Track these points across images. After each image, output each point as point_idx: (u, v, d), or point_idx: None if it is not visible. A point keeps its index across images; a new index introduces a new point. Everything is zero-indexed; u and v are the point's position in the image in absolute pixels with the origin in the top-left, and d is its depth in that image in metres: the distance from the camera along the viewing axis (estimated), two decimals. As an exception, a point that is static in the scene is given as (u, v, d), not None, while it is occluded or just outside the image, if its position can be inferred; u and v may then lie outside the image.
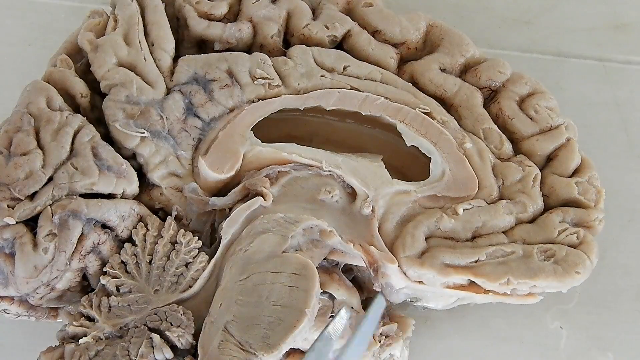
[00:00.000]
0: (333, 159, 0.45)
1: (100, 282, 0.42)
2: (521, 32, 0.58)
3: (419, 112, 0.46)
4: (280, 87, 0.46)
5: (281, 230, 0.41)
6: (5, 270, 0.40)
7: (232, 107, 0.45)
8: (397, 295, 0.44)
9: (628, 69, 0.57)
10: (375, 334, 0.42)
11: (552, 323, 0.47)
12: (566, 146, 0.46)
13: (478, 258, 0.42)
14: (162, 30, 0.46)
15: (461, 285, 0.42)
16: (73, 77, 0.45)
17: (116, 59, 0.45)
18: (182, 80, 0.45)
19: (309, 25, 0.48)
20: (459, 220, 0.43)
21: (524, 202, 0.44)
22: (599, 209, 0.44)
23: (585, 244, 0.43)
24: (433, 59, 0.48)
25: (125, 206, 0.42)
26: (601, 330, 0.47)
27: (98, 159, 0.42)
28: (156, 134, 0.44)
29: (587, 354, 0.47)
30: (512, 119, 0.47)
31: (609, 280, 0.49)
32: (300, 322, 0.38)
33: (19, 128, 0.42)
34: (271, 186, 0.43)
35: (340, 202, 0.44)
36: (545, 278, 0.41)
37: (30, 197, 0.41)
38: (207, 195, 0.44)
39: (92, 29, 0.46)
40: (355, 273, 0.45)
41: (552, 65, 0.57)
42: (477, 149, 0.46)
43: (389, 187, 0.44)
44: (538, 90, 0.48)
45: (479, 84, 0.48)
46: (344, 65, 0.47)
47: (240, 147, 0.44)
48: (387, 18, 0.49)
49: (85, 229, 0.41)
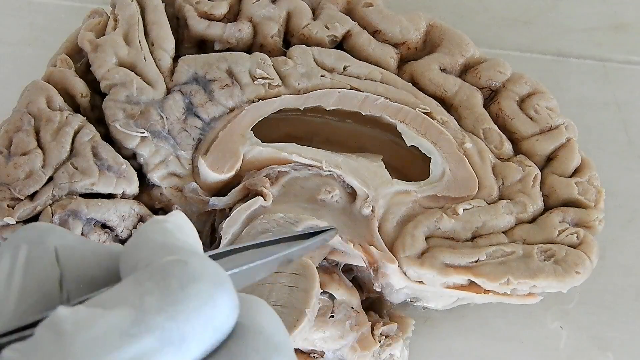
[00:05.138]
0: (333, 159, 0.45)
1: (100, 282, 0.42)
2: (521, 32, 0.58)
3: (419, 112, 0.46)
4: (280, 87, 0.46)
5: (281, 230, 0.41)
6: (5, 270, 0.40)
7: (232, 107, 0.45)
8: (397, 295, 0.44)
9: (628, 69, 0.57)
10: (375, 334, 0.42)
11: (552, 323, 0.47)
12: (566, 146, 0.46)
13: (478, 258, 0.42)
14: (162, 30, 0.46)
15: (461, 285, 0.42)
16: (73, 77, 0.45)
17: (116, 59, 0.45)
18: (182, 80, 0.45)
19: (309, 25, 0.48)
20: (459, 220, 0.43)
21: (524, 202, 0.44)
22: (599, 209, 0.44)
23: (585, 244, 0.43)
24: (433, 59, 0.48)
25: (125, 206, 0.42)
26: (601, 330, 0.47)
27: (98, 159, 0.42)
28: (156, 134, 0.44)
29: (587, 354, 0.46)
30: (512, 119, 0.47)
31: (609, 280, 0.49)
32: (300, 322, 0.38)
33: (19, 128, 0.42)
34: (271, 186, 0.43)
35: (340, 202, 0.44)
36: (545, 278, 0.41)
37: (30, 197, 0.41)
38: (207, 195, 0.44)
39: (92, 29, 0.46)
40: (355, 273, 0.45)
41: (552, 65, 0.57)
42: (477, 149, 0.46)
43: (389, 187, 0.44)
44: (538, 90, 0.48)
45: (479, 84, 0.48)
46: (344, 65, 0.47)
47: (240, 147, 0.44)
48: (387, 18, 0.49)
49: (85, 229, 0.41)
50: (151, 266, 0.22)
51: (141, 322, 0.20)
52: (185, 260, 0.22)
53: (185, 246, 0.23)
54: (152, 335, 0.20)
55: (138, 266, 0.22)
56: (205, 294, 0.21)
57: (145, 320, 0.20)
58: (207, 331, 0.21)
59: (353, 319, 0.42)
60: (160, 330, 0.20)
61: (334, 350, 0.42)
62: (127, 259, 0.23)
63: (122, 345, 0.20)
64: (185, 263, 0.21)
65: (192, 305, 0.21)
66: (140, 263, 0.22)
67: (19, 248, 0.24)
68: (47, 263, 0.23)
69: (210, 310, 0.21)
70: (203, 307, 0.21)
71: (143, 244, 0.23)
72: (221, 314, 0.21)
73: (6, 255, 0.24)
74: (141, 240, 0.23)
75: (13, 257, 0.23)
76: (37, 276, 0.23)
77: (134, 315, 0.20)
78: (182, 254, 0.22)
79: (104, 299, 0.21)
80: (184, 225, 0.25)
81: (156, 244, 0.23)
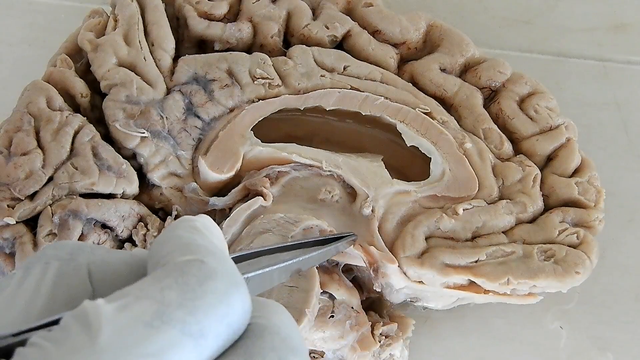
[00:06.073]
0: (333, 159, 0.45)
1: (100, 282, 0.42)
2: (521, 32, 0.58)
3: (419, 112, 0.46)
4: (280, 87, 0.46)
5: (281, 231, 0.41)
6: (6, 270, 0.40)
7: (232, 107, 0.45)
8: (397, 295, 0.44)
9: (628, 69, 0.57)
10: (375, 334, 0.42)
11: (552, 323, 0.47)
12: (566, 146, 0.46)
13: (478, 258, 0.42)
14: (162, 30, 0.46)
15: (461, 285, 0.42)
16: (73, 77, 0.45)
17: (116, 58, 0.45)
18: (182, 80, 0.45)
19: (309, 25, 0.48)
20: (459, 220, 0.43)
21: (524, 202, 0.44)
22: (599, 209, 0.44)
23: (585, 244, 0.43)
24: (433, 59, 0.48)
25: (125, 206, 0.42)
26: (601, 330, 0.47)
27: (98, 159, 0.42)
28: (156, 134, 0.44)
29: (587, 354, 0.46)
30: (512, 119, 0.47)
31: (609, 280, 0.49)
32: (300, 322, 0.38)
33: (19, 128, 0.42)
34: (271, 186, 0.43)
35: (340, 202, 0.44)
36: (545, 278, 0.41)
37: (30, 197, 0.41)
38: (207, 195, 0.44)
39: (92, 29, 0.46)
40: (355, 273, 0.45)
41: (552, 65, 0.57)
42: (477, 149, 0.46)
43: (389, 187, 0.44)
44: (538, 90, 0.48)
45: (479, 84, 0.48)
46: (344, 65, 0.47)
47: (240, 147, 0.44)
48: (387, 18, 0.49)
49: (85, 229, 0.41)
50: (170, 264, 0.22)
51: (163, 315, 0.21)
52: (202, 259, 0.22)
53: (209, 246, 0.24)
54: (174, 328, 0.21)
55: (160, 263, 0.23)
56: (221, 291, 0.22)
57: (167, 313, 0.21)
58: (223, 326, 0.22)
59: (353, 319, 0.42)
60: (181, 324, 0.21)
61: (334, 350, 0.42)
62: (153, 254, 0.24)
63: (146, 336, 0.20)
64: (202, 262, 0.22)
65: (209, 301, 0.22)
66: (162, 260, 0.23)
67: (49, 264, 0.24)
68: (77, 281, 0.24)
69: (226, 308, 0.22)
70: (219, 304, 0.22)
71: (169, 241, 0.24)
72: (235, 312, 0.22)
73: (36, 267, 0.24)
74: (168, 237, 0.24)
75: (43, 271, 0.24)
76: (66, 291, 0.24)
77: (155, 308, 0.21)
78: (201, 253, 0.23)
79: (126, 293, 0.22)
80: (212, 226, 0.25)
81: (181, 242, 0.23)
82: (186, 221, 0.25)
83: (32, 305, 0.23)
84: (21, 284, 0.23)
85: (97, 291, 0.24)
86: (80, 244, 0.25)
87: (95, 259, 0.24)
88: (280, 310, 0.24)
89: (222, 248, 0.25)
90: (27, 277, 0.23)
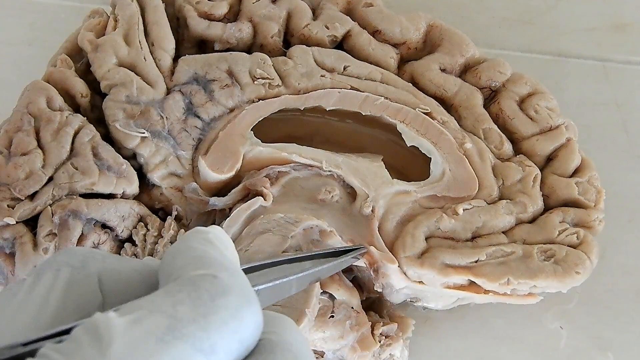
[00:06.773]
0: (333, 159, 0.45)
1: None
2: (521, 32, 0.58)
3: (419, 112, 0.46)
4: (280, 87, 0.46)
5: (281, 231, 0.41)
6: (5, 270, 0.40)
7: (232, 107, 0.45)
8: (397, 295, 0.44)
9: (628, 69, 0.57)
10: (375, 334, 0.42)
11: (552, 323, 0.47)
12: (566, 146, 0.46)
13: (478, 258, 0.42)
14: (162, 30, 0.46)
15: (461, 285, 0.42)
16: (73, 77, 0.45)
17: (116, 59, 0.45)
18: (182, 80, 0.45)
19: (309, 25, 0.48)
20: (459, 220, 0.43)
21: (524, 202, 0.44)
22: (599, 209, 0.44)
23: (585, 244, 0.43)
24: (433, 59, 0.48)
25: (125, 206, 0.42)
26: (601, 330, 0.47)
27: (98, 159, 0.42)
28: (156, 134, 0.44)
29: (587, 354, 0.46)
30: (512, 119, 0.47)
31: (609, 280, 0.49)
32: (300, 322, 0.38)
33: (19, 128, 0.42)
34: (271, 186, 0.43)
35: (340, 202, 0.44)
36: (545, 278, 0.41)
37: (30, 197, 0.41)
38: (207, 195, 0.44)
39: (92, 29, 0.46)
40: (355, 273, 0.45)
41: (552, 65, 0.57)
42: (477, 149, 0.46)
43: (389, 187, 0.44)
44: (538, 90, 0.48)
45: (479, 84, 0.48)
46: (344, 65, 0.47)
47: (240, 147, 0.44)
48: (387, 18, 0.49)
49: (85, 229, 0.41)
50: (183, 278, 0.22)
51: (175, 330, 0.21)
52: (215, 274, 0.22)
53: (222, 259, 0.24)
54: (185, 344, 0.21)
55: (173, 276, 0.23)
56: (234, 307, 0.22)
57: (179, 328, 0.21)
58: (234, 342, 0.22)
59: (353, 319, 0.42)
60: (193, 339, 0.21)
61: (334, 351, 0.42)
62: (166, 266, 0.24)
63: (157, 351, 0.20)
64: (215, 277, 0.22)
65: (221, 317, 0.21)
66: (175, 273, 0.23)
67: (60, 271, 0.24)
68: (88, 289, 0.24)
69: (238, 323, 0.22)
70: (231, 320, 0.22)
71: (182, 253, 0.24)
72: (247, 328, 0.22)
73: (48, 273, 0.24)
74: (181, 249, 0.24)
75: (54, 278, 0.24)
76: (77, 299, 0.23)
77: (167, 323, 0.21)
78: (213, 268, 0.23)
79: (138, 306, 0.21)
80: (224, 238, 0.25)
81: (195, 255, 0.23)
82: (199, 233, 0.25)
83: (42, 313, 0.23)
84: (32, 291, 0.23)
85: (107, 300, 0.24)
86: (92, 252, 0.25)
87: (106, 267, 0.24)
88: (291, 325, 0.24)
89: (234, 261, 0.25)
90: (37, 284, 0.23)
